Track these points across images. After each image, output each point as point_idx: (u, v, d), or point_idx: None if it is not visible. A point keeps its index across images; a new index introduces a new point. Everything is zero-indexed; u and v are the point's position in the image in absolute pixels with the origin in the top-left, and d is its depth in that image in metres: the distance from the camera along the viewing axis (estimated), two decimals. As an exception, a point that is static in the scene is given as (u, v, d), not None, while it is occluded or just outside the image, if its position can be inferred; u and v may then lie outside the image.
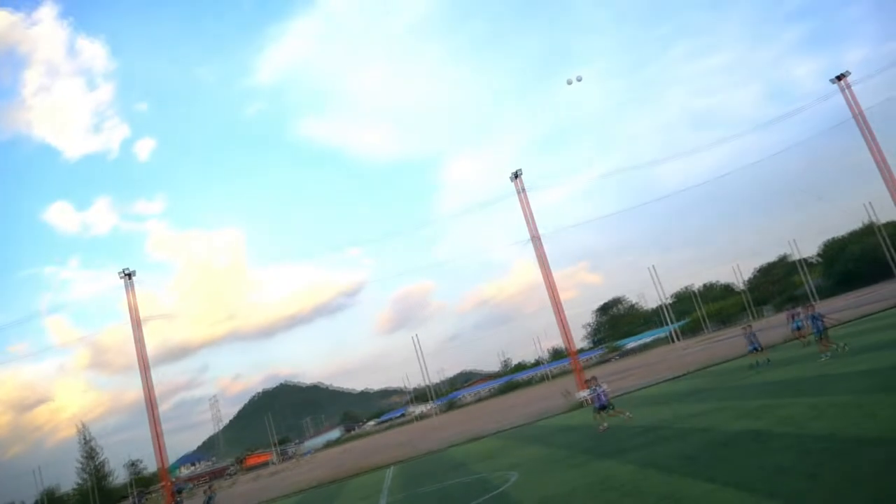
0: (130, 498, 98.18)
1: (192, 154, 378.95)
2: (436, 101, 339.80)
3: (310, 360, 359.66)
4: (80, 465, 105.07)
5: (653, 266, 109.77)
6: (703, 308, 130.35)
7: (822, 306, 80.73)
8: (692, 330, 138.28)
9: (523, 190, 43.63)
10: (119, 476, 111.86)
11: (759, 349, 29.79)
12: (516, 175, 43.74)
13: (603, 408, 22.80)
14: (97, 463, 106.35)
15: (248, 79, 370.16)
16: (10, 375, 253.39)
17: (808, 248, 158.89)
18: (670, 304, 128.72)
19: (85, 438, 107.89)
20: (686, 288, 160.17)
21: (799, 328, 34.44)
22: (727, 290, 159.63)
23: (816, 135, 56.92)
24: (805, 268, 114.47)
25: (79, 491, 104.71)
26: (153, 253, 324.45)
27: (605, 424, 22.59)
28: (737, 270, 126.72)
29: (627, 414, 22.78)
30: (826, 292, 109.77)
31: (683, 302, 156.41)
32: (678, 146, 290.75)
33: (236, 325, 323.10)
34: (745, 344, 30.89)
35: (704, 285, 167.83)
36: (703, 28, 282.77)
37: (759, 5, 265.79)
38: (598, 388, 23.18)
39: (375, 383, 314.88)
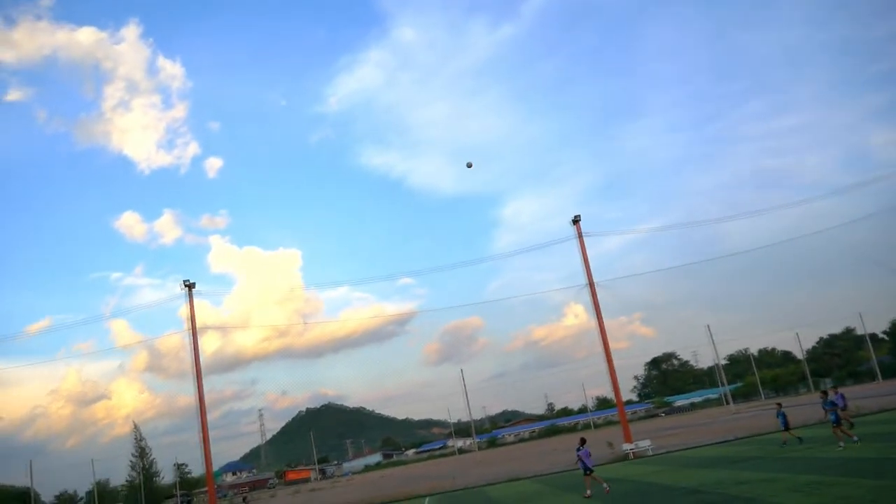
0: (175, 500, 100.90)
1: (257, 174, 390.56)
2: (498, 139, 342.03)
3: (355, 383, 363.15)
4: (132, 463, 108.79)
5: (708, 325, 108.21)
6: (758, 373, 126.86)
7: (881, 386, 77.93)
8: (745, 394, 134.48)
9: (581, 235, 43.82)
10: (165, 477, 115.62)
11: (786, 427, 28.74)
12: (576, 220, 43.77)
13: (587, 471, 22.45)
14: (147, 462, 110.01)
15: (317, 106, 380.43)
16: (73, 371, 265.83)
17: (876, 322, 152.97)
18: (724, 366, 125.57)
19: (138, 437, 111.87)
20: (742, 351, 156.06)
21: (844, 409, 33.25)
22: (786, 357, 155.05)
23: (893, 206, 55.28)
24: (871, 343, 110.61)
25: (128, 486, 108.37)
26: (213, 266, 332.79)
27: (606, 485, 22.39)
28: (797, 339, 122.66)
29: (605, 486, 22.42)
30: (892, 371, 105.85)
31: (738, 365, 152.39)
32: (744, 205, 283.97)
33: (287, 342, 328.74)
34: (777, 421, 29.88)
35: (761, 350, 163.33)
36: (778, 86, 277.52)
37: (840, 67, 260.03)
38: (582, 449, 22.73)
39: (418, 413, 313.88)
